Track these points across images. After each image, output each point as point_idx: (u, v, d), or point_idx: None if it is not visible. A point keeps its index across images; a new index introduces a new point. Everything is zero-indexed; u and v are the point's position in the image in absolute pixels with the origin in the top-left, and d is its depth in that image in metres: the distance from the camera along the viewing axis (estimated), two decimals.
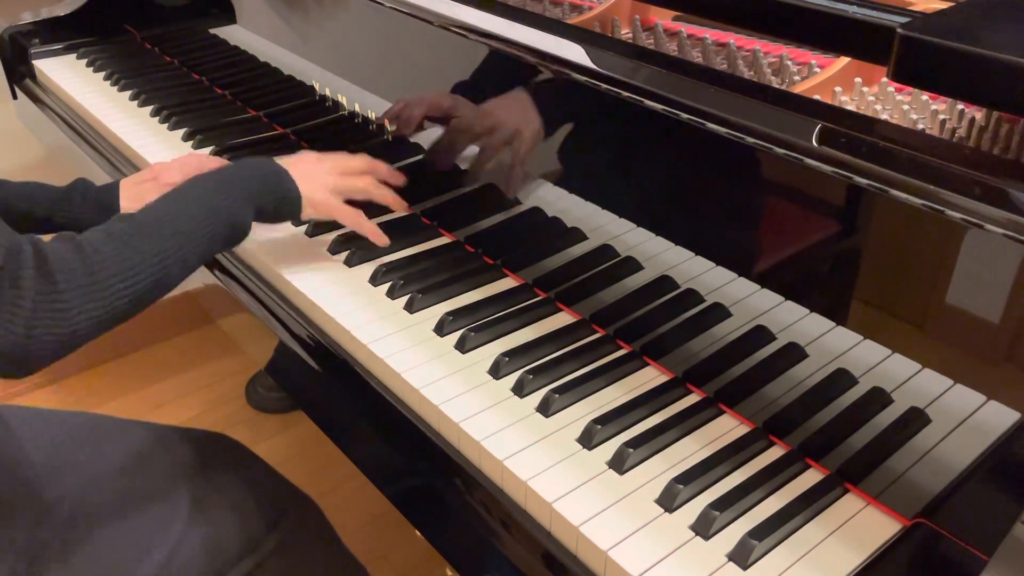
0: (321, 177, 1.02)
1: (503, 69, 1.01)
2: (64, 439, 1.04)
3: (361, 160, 1.08)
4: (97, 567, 0.91)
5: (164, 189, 1.16)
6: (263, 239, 1.09)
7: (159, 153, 1.34)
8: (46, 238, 0.82)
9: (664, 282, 0.90)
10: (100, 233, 0.84)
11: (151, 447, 1.04)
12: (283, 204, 0.99)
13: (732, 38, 1.00)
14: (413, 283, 1.00)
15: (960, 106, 0.81)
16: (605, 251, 0.95)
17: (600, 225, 0.95)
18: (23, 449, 1.00)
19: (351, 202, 1.05)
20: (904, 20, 0.73)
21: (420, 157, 1.17)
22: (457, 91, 1.08)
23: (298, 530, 1.03)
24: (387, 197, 1.07)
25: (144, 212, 0.89)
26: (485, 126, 1.05)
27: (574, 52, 0.93)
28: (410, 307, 0.97)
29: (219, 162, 1.24)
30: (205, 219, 0.91)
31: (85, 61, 1.66)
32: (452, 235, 1.11)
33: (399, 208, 1.09)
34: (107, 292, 0.80)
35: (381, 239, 1.05)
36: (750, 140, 0.77)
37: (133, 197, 1.14)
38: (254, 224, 0.98)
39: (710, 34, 1.03)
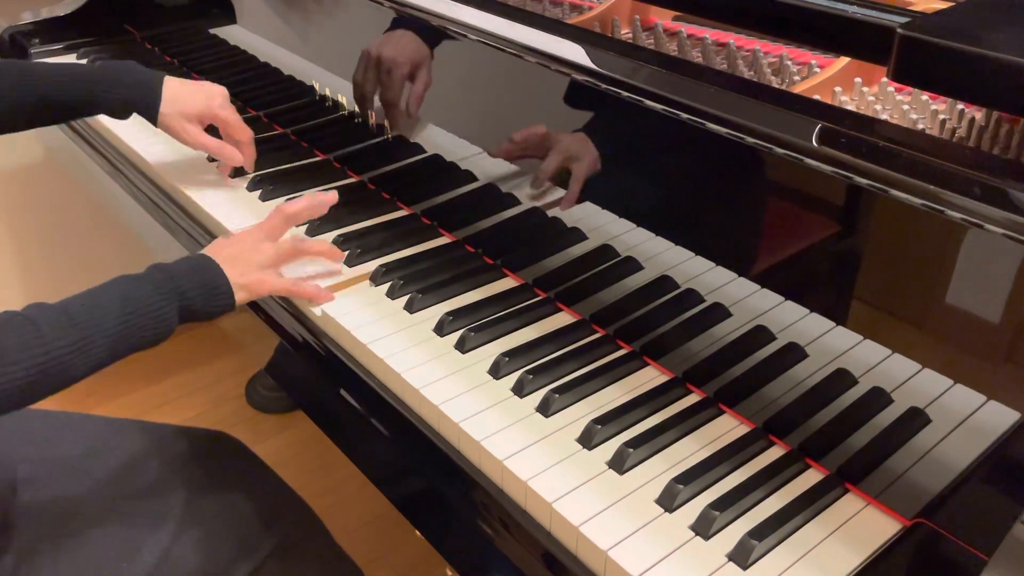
0: (248, 255, 0.96)
1: (503, 69, 1.01)
2: (56, 438, 1.03)
3: (291, 239, 1.02)
4: (86, 566, 0.90)
5: (204, 114, 1.16)
6: None
7: (159, 153, 1.34)
8: None
9: (664, 282, 0.90)
10: (3, 317, 0.80)
11: (145, 446, 1.04)
12: (212, 296, 0.91)
13: (732, 38, 1.00)
14: (413, 283, 1.01)
15: (960, 106, 0.81)
16: (605, 251, 0.95)
17: (600, 225, 0.95)
18: (15, 448, 1.00)
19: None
20: (904, 20, 0.73)
21: (420, 157, 1.17)
22: (458, 89, 1.08)
23: (296, 535, 1.02)
24: (323, 250, 1.03)
25: (60, 303, 0.84)
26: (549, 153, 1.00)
27: (574, 52, 0.93)
28: (410, 307, 0.97)
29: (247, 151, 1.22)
30: (119, 318, 0.84)
31: (85, 61, 1.66)
32: (452, 235, 1.11)
33: (336, 258, 1.04)
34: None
35: (327, 296, 0.99)
36: (750, 140, 0.77)
37: (172, 100, 1.15)
38: None
39: (710, 34, 1.03)
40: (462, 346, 0.92)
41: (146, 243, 1.46)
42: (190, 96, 1.17)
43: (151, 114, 1.16)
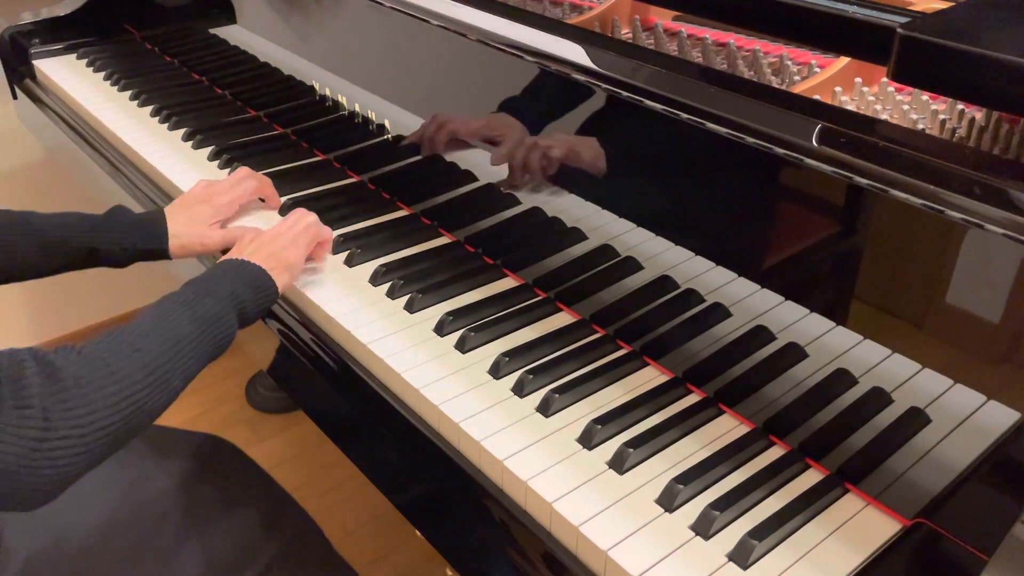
0: (268, 245, 0.97)
1: (504, 70, 1.01)
2: None
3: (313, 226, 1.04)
4: None
5: (220, 212, 1.10)
6: None
7: (159, 153, 1.34)
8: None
9: (664, 282, 0.90)
10: (96, 343, 0.77)
11: (143, 449, 1.03)
12: (260, 290, 0.92)
13: (732, 38, 1.00)
14: (413, 283, 1.01)
15: (960, 106, 0.81)
16: (605, 251, 0.95)
17: (600, 225, 0.95)
18: None
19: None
20: (904, 20, 0.73)
21: (420, 157, 1.16)
22: (460, 92, 1.08)
23: (294, 543, 1.01)
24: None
25: (138, 323, 0.82)
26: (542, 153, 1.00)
27: (574, 52, 0.93)
28: (410, 307, 0.97)
29: (262, 180, 1.19)
30: (199, 328, 0.85)
31: (85, 61, 1.66)
32: (452, 235, 1.11)
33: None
34: (113, 400, 0.74)
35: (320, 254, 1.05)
36: (750, 140, 0.77)
37: (185, 222, 1.08)
38: None
39: (710, 34, 1.03)
40: (462, 346, 0.92)
41: None
42: (193, 209, 1.10)
43: (162, 255, 1.08)
